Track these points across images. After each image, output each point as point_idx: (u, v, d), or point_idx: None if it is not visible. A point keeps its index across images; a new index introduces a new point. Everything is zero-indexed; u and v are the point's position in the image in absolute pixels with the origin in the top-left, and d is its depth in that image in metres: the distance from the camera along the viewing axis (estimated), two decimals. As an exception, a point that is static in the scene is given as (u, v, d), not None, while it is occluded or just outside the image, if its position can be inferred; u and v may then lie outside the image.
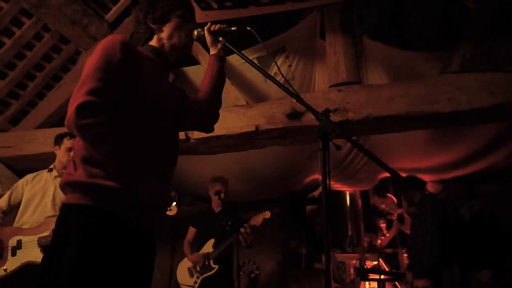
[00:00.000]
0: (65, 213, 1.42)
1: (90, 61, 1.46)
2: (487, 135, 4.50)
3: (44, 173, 3.32)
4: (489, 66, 3.26)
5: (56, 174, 3.28)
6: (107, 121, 1.38)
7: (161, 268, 3.73)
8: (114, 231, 1.39)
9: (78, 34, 4.06)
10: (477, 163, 5.00)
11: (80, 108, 1.34)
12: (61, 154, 3.28)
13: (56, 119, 4.58)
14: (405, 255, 4.66)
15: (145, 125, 1.52)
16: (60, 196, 3.18)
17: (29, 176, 3.34)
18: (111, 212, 1.40)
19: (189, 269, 3.97)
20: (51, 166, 3.34)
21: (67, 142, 3.26)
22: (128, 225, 1.43)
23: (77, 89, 1.39)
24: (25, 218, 3.13)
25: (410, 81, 3.38)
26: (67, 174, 1.46)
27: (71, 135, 3.30)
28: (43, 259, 1.40)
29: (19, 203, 3.21)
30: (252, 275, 5.88)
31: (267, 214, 3.94)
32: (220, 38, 1.74)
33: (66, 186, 1.45)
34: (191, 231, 4.18)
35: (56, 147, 3.31)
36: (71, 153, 3.24)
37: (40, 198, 3.17)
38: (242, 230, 3.74)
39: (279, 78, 3.45)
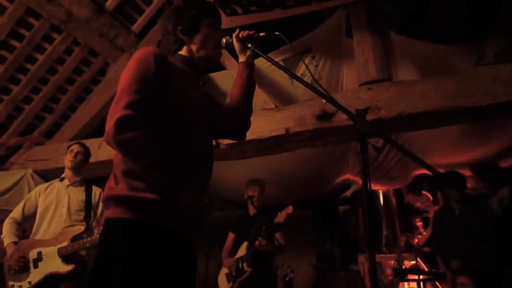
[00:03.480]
0: (109, 228, 1.41)
1: (125, 74, 1.45)
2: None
3: (56, 183, 3.35)
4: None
5: (68, 183, 3.31)
6: (145, 134, 1.37)
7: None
8: (159, 244, 1.37)
9: (106, 46, 4.15)
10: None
11: (119, 122, 1.33)
12: (67, 160, 3.33)
13: (88, 131, 4.69)
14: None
15: (182, 135, 1.51)
16: (75, 206, 3.22)
17: (41, 187, 3.38)
18: (155, 225, 1.39)
19: (226, 274, 3.98)
20: (63, 175, 3.37)
21: (72, 147, 3.36)
22: (172, 238, 1.42)
23: (114, 103, 1.39)
24: (42, 229, 3.16)
25: (443, 75, 3.28)
26: (109, 188, 1.45)
27: (78, 144, 3.40)
28: (87, 277, 1.39)
29: (32, 214, 3.24)
30: (286, 278, 5.85)
31: (290, 209, 3.85)
32: (249, 45, 1.73)
33: (108, 201, 1.44)
34: (230, 236, 4.16)
35: (65, 156, 3.37)
36: (78, 156, 3.31)
37: (54, 208, 3.20)
38: (256, 243, 3.71)
39: (306, 79, 3.40)
